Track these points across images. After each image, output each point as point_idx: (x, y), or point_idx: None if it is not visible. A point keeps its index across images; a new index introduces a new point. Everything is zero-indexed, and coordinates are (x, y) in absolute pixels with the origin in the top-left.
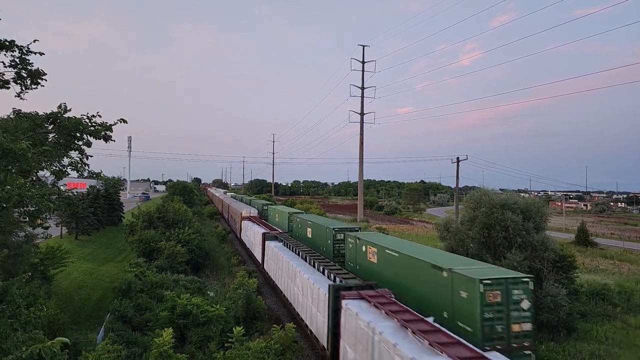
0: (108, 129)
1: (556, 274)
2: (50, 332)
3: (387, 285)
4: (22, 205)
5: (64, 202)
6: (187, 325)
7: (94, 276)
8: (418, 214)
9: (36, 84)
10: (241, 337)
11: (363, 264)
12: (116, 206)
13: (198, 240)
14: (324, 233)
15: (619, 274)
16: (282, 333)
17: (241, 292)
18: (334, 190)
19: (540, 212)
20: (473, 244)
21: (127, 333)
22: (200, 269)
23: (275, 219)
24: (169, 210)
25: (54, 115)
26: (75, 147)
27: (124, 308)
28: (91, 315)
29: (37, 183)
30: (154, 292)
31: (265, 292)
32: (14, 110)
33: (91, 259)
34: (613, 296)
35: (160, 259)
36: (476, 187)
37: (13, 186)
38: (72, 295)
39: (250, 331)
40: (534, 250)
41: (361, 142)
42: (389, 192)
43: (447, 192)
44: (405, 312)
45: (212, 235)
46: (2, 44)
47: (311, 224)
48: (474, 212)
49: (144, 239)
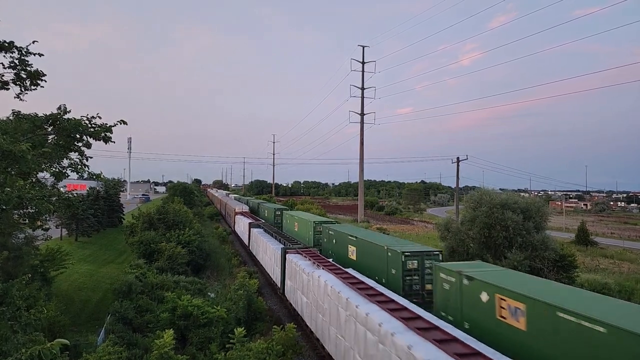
0: (108, 130)
1: (557, 274)
2: (50, 334)
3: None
4: (22, 206)
5: (64, 204)
6: (187, 327)
7: (94, 278)
8: (418, 214)
9: (35, 85)
10: (242, 338)
11: None
12: (116, 207)
13: (198, 241)
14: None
15: (619, 273)
16: (283, 334)
17: (242, 293)
18: (335, 191)
19: (541, 212)
20: (473, 244)
21: (127, 334)
22: (200, 270)
23: (294, 228)
24: (169, 211)
25: (53, 116)
26: (75, 148)
27: (125, 309)
28: (91, 317)
29: (37, 185)
30: (154, 294)
31: (266, 293)
32: (14, 111)
33: (91, 261)
34: (613, 295)
35: (160, 260)
36: (476, 187)
37: (13, 188)
38: (72, 297)
39: (251, 332)
40: (534, 250)
41: (361, 142)
42: (389, 193)
43: (448, 192)
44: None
45: (213, 236)
46: (1, 45)
47: (357, 240)
48: (474, 212)
49: (144, 240)
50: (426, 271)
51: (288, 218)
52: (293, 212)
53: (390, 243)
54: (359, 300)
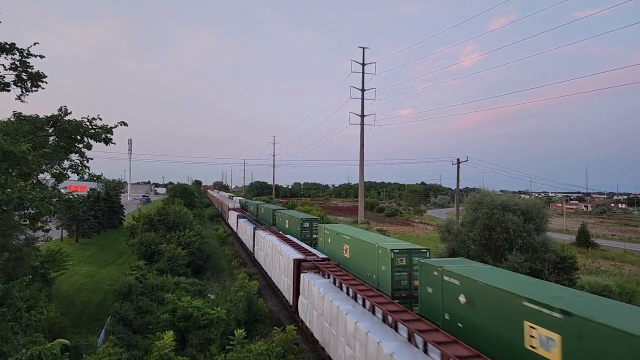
0: (108, 132)
1: (557, 275)
2: (50, 335)
3: None
4: (23, 207)
5: (65, 205)
6: (188, 328)
7: (95, 279)
8: (419, 215)
9: (36, 86)
10: (242, 339)
11: None
12: (117, 209)
13: (199, 242)
14: None
15: (620, 275)
16: (283, 335)
17: (242, 295)
18: (335, 192)
19: (541, 214)
20: (474, 246)
21: (127, 336)
22: (201, 271)
23: (285, 225)
24: (169, 212)
25: (54, 118)
26: (76, 149)
27: (125, 311)
28: (92, 318)
29: (38, 186)
30: (154, 295)
31: (266, 294)
32: (15, 113)
33: (92, 262)
34: (614, 298)
35: (160, 262)
36: (477, 189)
37: (13, 189)
38: (72, 298)
39: (251, 333)
40: (534, 252)
41: (362, 143)
42: (389, 194)
43: (448, 194)
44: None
45: (213, 238)
46: (2, 47)
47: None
48: (474, 214)
49: (144, 241)
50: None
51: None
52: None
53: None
54: None
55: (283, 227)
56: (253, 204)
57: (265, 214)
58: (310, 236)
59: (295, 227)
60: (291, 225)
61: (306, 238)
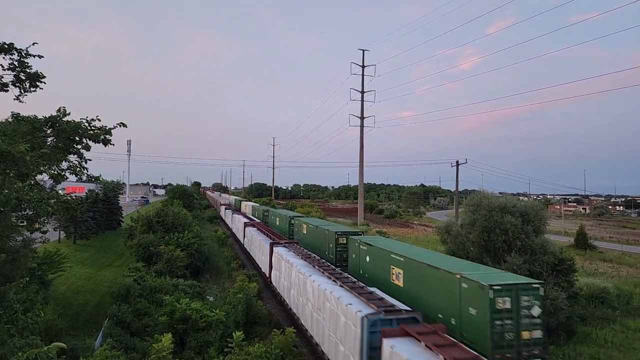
0: (107, 133)
1: (556, 277)
2: (47, 337)
3: None
4: (20, 209)
5: (63, 206)
6: (186, 330)
7: (92, 281)
8: (418, 217)
9: (35, 87)
10: (241, 342)
11: None
12: (115, 210)
13: (198, 244)
14: None
15: (618, 277)
16: (282, 338)
17: (241, 297)
18: (334, 194)
19: (539, 216)
20: (473, 248)
21: (125, 338)
22: (199, 273)
23: (276, 222)
24: (168, 214)
25: (53, 118)
26: (74, 150)
27: (123, 313)
28: (89, 321)
29: (36, 187)
30: (153, 297)
31: (265, 296)
32: (13, 113)
33: (89, 264)
34: (612, 299)
35: (159, 264)
36: (476, 191)
37: (11, 190)
38: (70, 301)
39: (250, 336)
40: (533, 254)
41: (361, 145)
42: (389, 196)
43: (447, 196)
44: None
45: (212, 239)
46: (0, 47)
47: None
48: (473, 216)
49: (143, 243)
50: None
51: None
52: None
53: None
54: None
55: (302, 241)
56: (274, 212)
57: (281, 223)
58: (347, 256)
59: (326, 244)
60: (317, 240)
61: (341, 259)
